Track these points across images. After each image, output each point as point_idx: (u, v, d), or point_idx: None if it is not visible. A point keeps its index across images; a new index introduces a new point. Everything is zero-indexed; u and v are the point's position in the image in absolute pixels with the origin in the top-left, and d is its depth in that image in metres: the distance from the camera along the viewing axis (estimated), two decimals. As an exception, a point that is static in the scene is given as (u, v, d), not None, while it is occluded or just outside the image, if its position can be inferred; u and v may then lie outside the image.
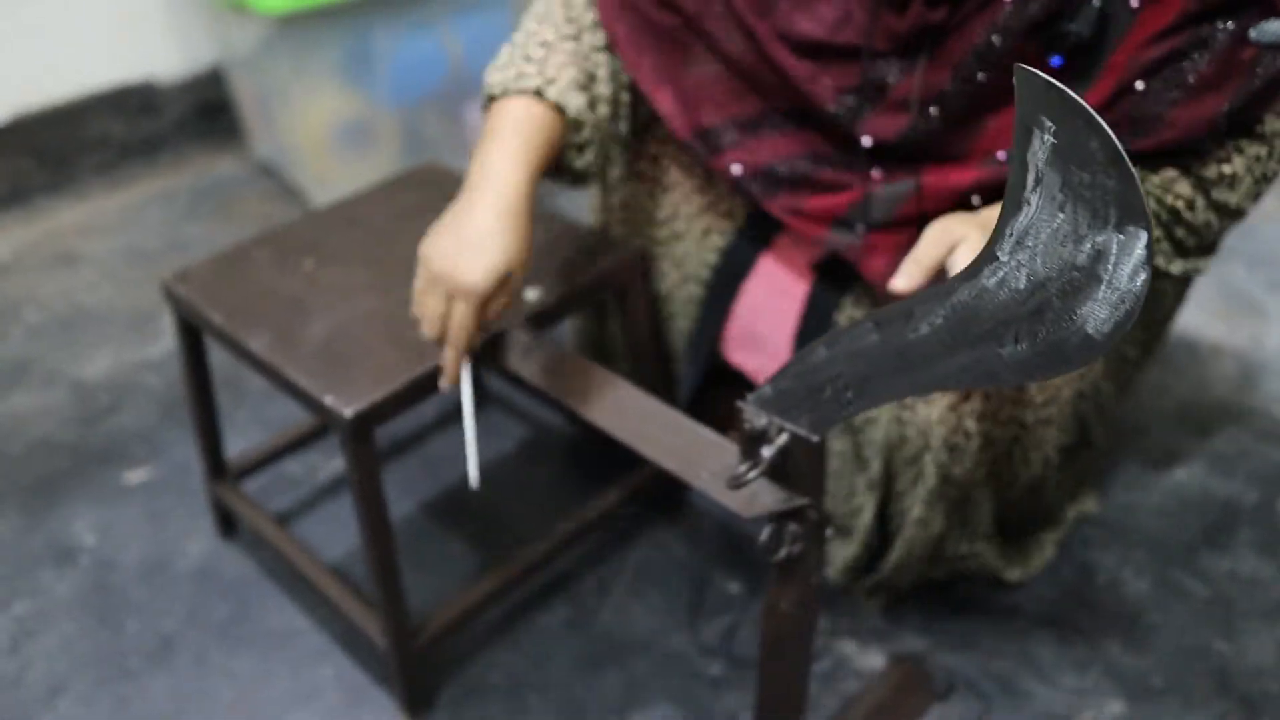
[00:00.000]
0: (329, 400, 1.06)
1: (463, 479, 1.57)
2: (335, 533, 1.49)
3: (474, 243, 1.01)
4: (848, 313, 1.20)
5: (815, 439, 0.84)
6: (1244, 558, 1.42)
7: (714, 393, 1.35)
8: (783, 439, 0.85)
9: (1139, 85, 0.95)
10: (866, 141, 1.07)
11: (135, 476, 1.60)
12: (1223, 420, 1.65)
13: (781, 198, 1.13)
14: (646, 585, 1.41)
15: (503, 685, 1.29)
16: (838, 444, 1.27)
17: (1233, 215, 1.04)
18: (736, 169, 1.14)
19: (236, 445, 1.59)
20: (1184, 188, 1.01)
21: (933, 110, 1.02)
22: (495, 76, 1.11)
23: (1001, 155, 1.02)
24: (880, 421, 1.19)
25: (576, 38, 1.14)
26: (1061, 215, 0.60)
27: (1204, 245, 1.07)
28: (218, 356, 1.41)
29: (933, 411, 1.13)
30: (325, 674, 1.31)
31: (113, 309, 1.98)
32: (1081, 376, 1.16)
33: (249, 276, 1.26)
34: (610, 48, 1.15)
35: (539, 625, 1.36)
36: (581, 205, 1.42)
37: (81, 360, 1.85)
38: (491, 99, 1.11)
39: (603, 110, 1.15)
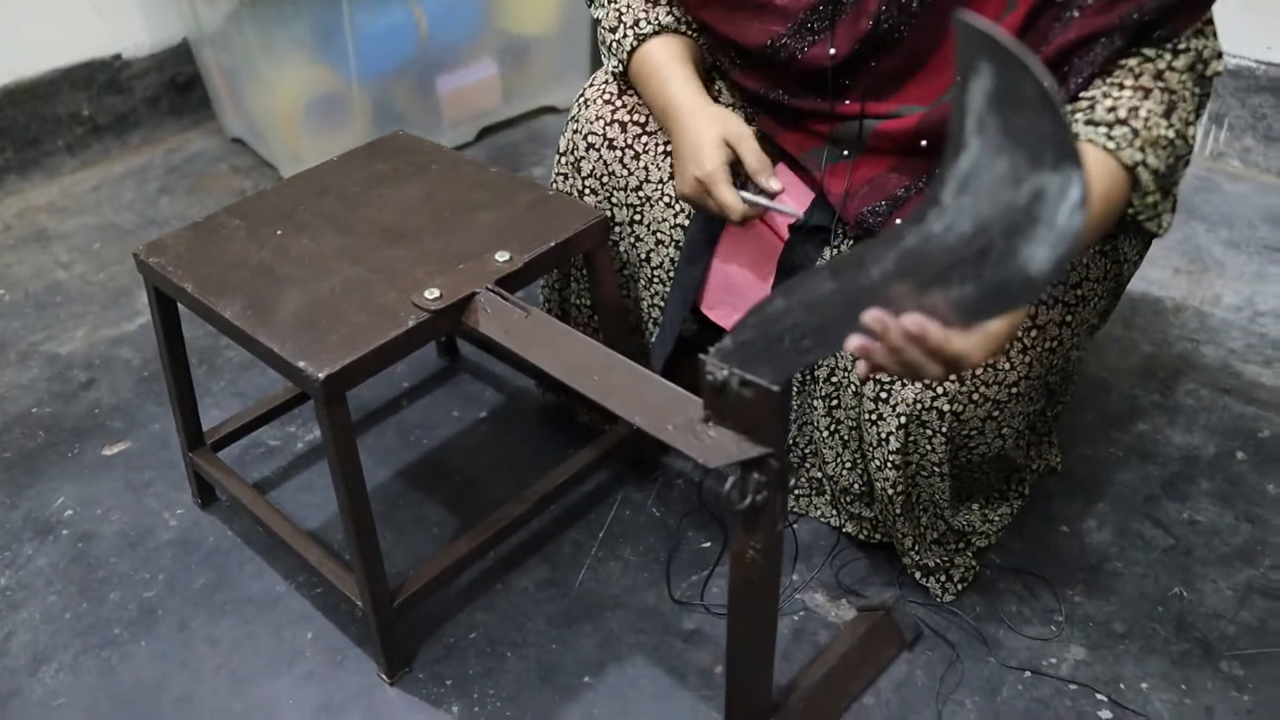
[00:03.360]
0: (302, 364, 1.07)
1: (439, 445, 1.59)
2: (313, 501, 1.51)
3: (689, 146, 1.18)
4: (825, 258, 1.22)
5: (776, 389, 0.87)
6: (1203, 507, 1.46)
7: (685, 364, 1.37)
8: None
9: None
10: (831, 51, 1.14)
11: (113, 449, 1.62)
12: (1183, 375, 1.68)
13: (763, 121, 1.28)
14: (621, 544, 1.43)
15: (480, 644, 1.31)
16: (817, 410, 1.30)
17: (1187, 141, 1.04)
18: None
19: (213, 417, 1.61)
20: (1155, 111, 1.02)
21: (894, 10, 1.09)
22: (619, 40, 1.27)
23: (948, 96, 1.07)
24: (855, 398, 1.22)
25: None
26: (1002, 159, 0.62)
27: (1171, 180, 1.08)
28: (192, 329, 1.43)
29: (907, 392, 1.15)
30: (305, 637, 1.33)
31: (87, 286, 1.99)
32: (1053, 351, 1.19)
33: (221, 246, 1.27)
34: None
35: (516, 586, 1.38)
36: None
37: (57, 337, 1.86)
38: (629, 59, 1.27)
39: (678, 10, 1.28)
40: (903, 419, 1.16)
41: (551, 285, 1.47)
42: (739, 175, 1.19)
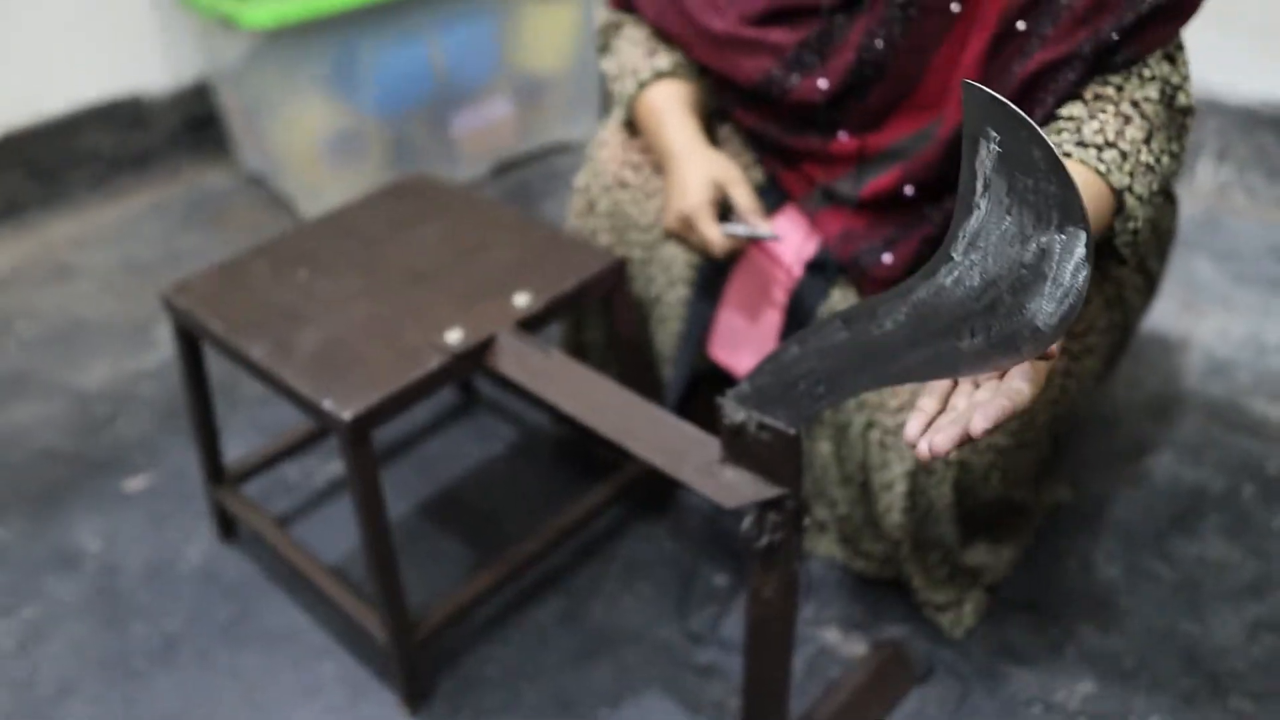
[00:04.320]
0: (328, 404, 1.10)
1: (456, 480, 1.61)
2: (332, 534, 1.54)
3: (677, 185, 1.22)
4: (834, 307, 1.24)
5: (793, 431, 0.89)
6: (1211, 543, 1.48)
7: (699, 399, 1.40)
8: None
9: (1020, 25, 1.03)
10: (823, 84, 1.16)
11: (135, 483, 1.64)
12: (1191, 411, 1.70)
13: (767, 161, 1.31)
14: (636, 579, 1.45)
15: (498, 678, 1.33)
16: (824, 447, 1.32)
17: (1167, 163, 1.04)
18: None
19: (233, 450, 1.63)
20: (1137, 134, 1.02)
21: (878, 43, 1.11)
22: (623, 89, 1.31)
23: (939, 129, 1.10)
24: (861, 442, 1.24)
25: (633, 38, 1.33)
26: (1009, 218, 0.65)
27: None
28: (212, 364, 1.45)
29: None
30: (327, 670, 1.35)
31: (109, 320, 2.02)
32: (1056, 402, 1.20)
33: (246, 287, 1.30)
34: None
35: (533, 619, 1.40)
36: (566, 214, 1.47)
37: (79, 371, 1.89)
38: (631, 109, 1.31)
39: (678, 56, 1.31)
40: (910, 465, 1.18)
41: (566, 327, 1.50)
42: (730, 215, 1.23)
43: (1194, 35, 1.08)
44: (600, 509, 1.44)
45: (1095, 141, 0.99)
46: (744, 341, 1.31)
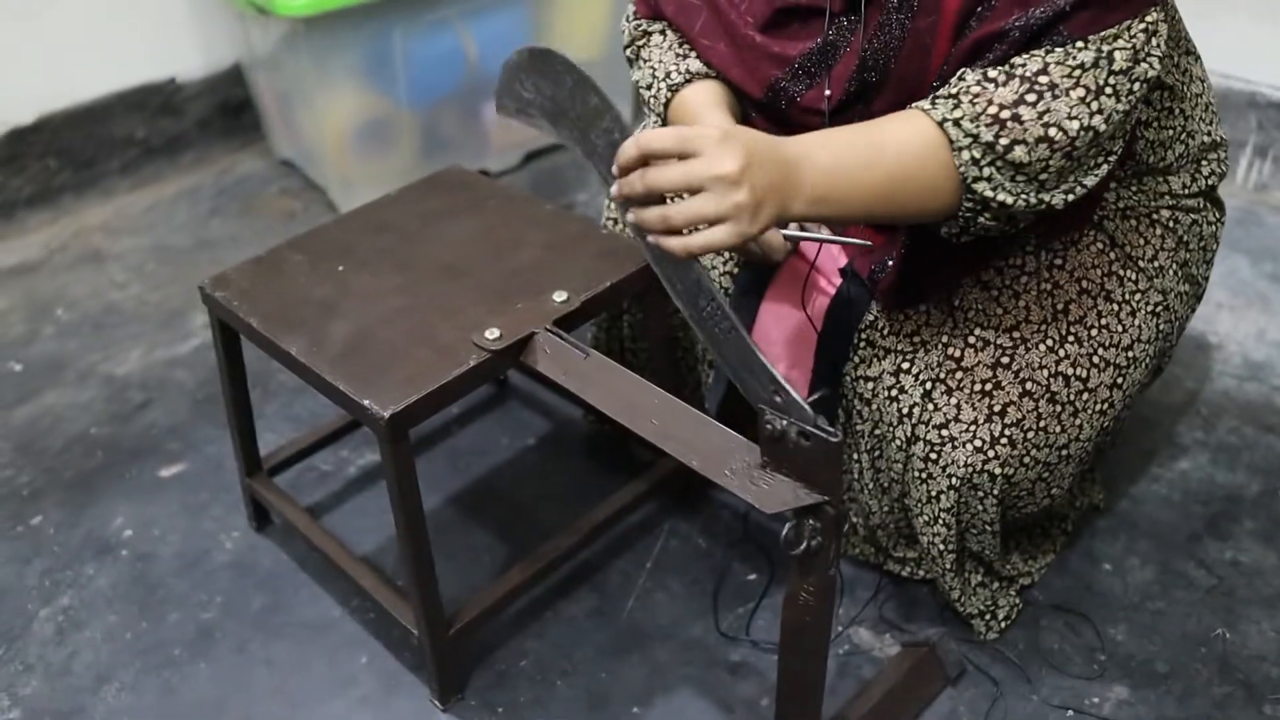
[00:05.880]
0: (367, 403, 1.11)
1: (488, 472, 1.62)
2: (365, 525, 1.54)
3: None
4: (872, 315, 1.23)
5: (835, 439, 0.89)
6: (1246, 547, 1.47)
7: (737, 403, 1.39)
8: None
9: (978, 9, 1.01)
10: (828, 92, 1.14)
11: (170, 471, 1.66)
12: (1227, 412, 1.69)
13: None
14: (668, 575, 1.46)
15: (531, 672, 1.34)
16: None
17: (1064, 131, 0.99)
18: None
19: (267, 440, 1.64)
20: (1005, 94, 0.99)
21: (878, 48, 1.09)
22: (655, 95, 1.27)
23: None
24: (901, 455, 1.24)
25: (662, 44, 1.30)
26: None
27: (1040, 173, 1.01)
28: (245, 352, 1.45)
29: (958, 454, 1.17)
30: (360, 662, 1.36)
31: (142, 306, 2.03)
32: (1103, 414, 1.19)
33: (283, 281, 1.31)
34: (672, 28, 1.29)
35: (565, 614, 1.41)
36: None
37: (114, 357, 1.90)
38: (665, 111, 1.27)
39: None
40: (955, 480, 1.17)
41: (600, 325, 1.50)
42: None
43: (1233, 30, 1.05)
44: (633, 505, 1.44)
45: (940, 94, 1.00)
46: (781, 347, 1.31)
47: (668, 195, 0.94)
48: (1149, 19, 0.98)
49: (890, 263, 1.16)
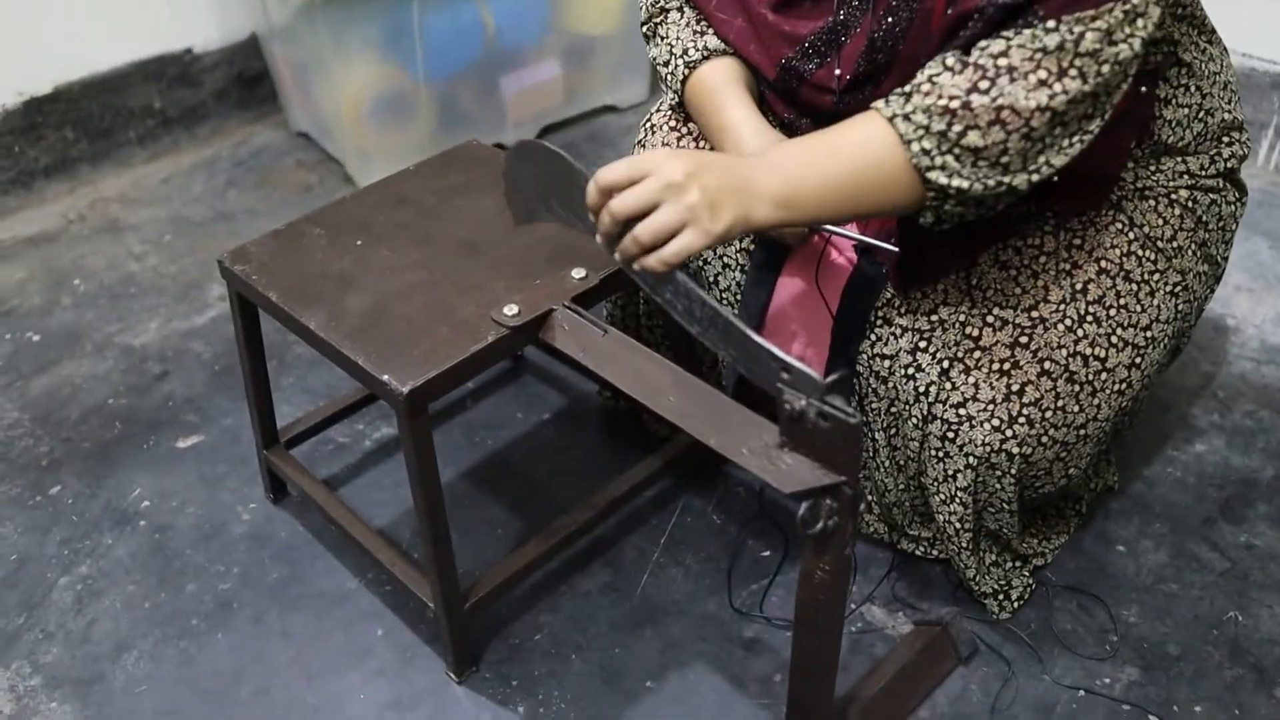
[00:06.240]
0: (386, 378, 1.11)
1: (504, 446, 1.63)
2: (381, 498, 1.55)
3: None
4: (889, 293, 1.23)
5: (854, 420, 0.89)
6: (1260, 531, 1.47)
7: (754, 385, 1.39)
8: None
9: None
10: (837, 71, 1.16)
11: (187, 442, 1.67)
12: (1242, 395, 1.69)
13: None
14: (683, 551, 1.46)
15: (545, 646, 1.35)
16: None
17: (1016, 112, 0.97)
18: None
19: (284, 413, 1.65)
20: (958, 82, 0.98)
21: (887, 28, 1.10)
22: (672, 72, 1.28)
23: None
24: (918, 433, 1.24)
25: (679, 21, 1.31)
26: None
27: (999, 156, 0.99)
28: (262, 324, 1.46)
29: (976, 434, 1.17)
30: (375, 634, 1.37)
31: (159, 278, 2.04)
32: (1122, 394, 1.19)
33: (302, 255, 1.31)
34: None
35: (579, 589, 1.42)
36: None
37: (132, 328, 1.91)
38: (683, 88, 1.28)
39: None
40: (972, 460, 1.17)
41: (615, 302, 1.50)
42: None
43: (1257, 10, 1.03)
44: (648, 481, 1.44)
45: (895, 92, 1.02)
46: (798, 324, 1.31)
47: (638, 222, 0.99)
48: (1133, 1, 0.98)
49: (892, 242, 1.17)
